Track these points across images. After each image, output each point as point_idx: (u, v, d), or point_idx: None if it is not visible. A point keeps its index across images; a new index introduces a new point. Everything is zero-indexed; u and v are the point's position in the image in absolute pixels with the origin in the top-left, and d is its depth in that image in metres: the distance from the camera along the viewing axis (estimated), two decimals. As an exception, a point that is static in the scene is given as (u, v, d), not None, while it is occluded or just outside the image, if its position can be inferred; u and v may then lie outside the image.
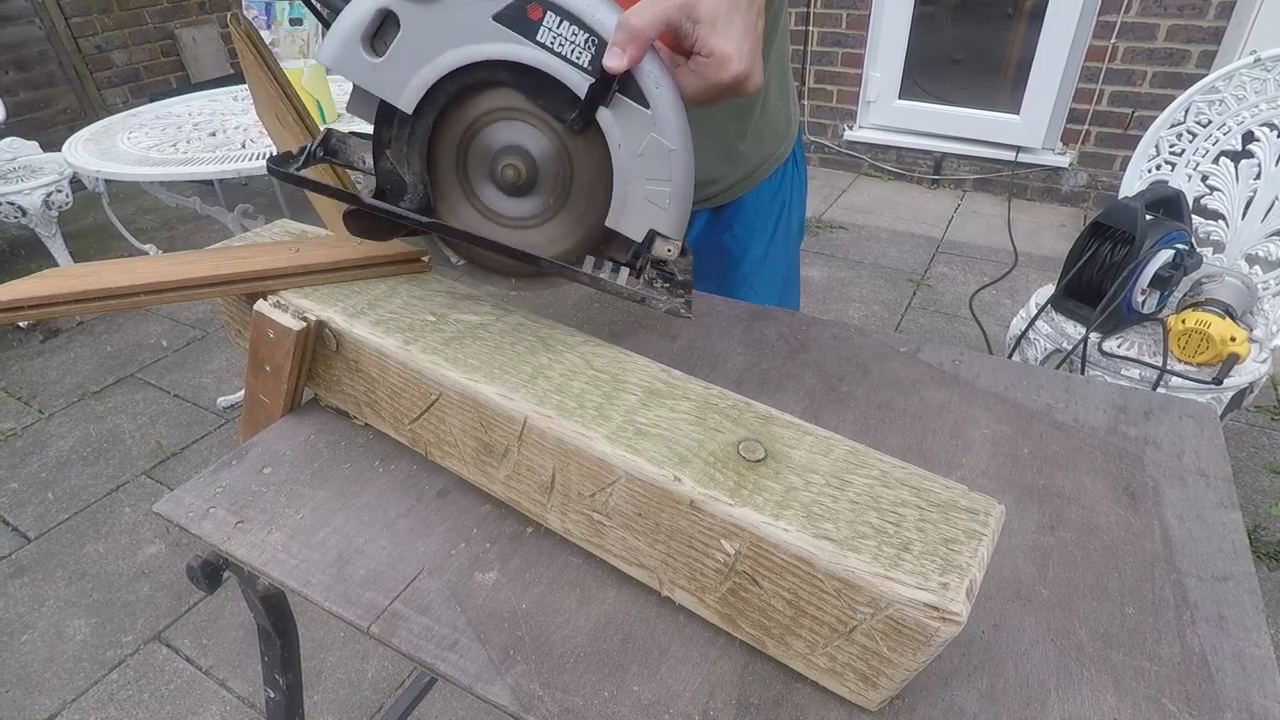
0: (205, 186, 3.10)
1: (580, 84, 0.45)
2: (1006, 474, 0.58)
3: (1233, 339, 1.24)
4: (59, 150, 2.08)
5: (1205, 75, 1.53)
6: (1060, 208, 3.12)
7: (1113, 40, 2.74)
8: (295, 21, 2.48)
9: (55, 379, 2.31)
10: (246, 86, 0.77)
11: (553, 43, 0.44)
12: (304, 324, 0.55)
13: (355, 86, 0.49)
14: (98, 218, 3.17)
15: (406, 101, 0.48)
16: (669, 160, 0.47)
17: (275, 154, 0.54)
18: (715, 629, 0.46)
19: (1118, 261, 1.32)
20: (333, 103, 2.04)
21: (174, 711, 1.37)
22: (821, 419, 0.61)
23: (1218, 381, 1.26)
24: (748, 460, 0.43)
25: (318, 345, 0.58)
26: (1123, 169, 2.64)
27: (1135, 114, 2.83)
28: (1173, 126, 1.55)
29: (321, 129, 0.56)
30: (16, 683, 1.43)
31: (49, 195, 2.61)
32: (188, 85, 3.85)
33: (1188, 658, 0.44)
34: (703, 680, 0.43)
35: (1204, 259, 1.41)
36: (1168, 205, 1.40)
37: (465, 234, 0.53)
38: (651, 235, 0.50)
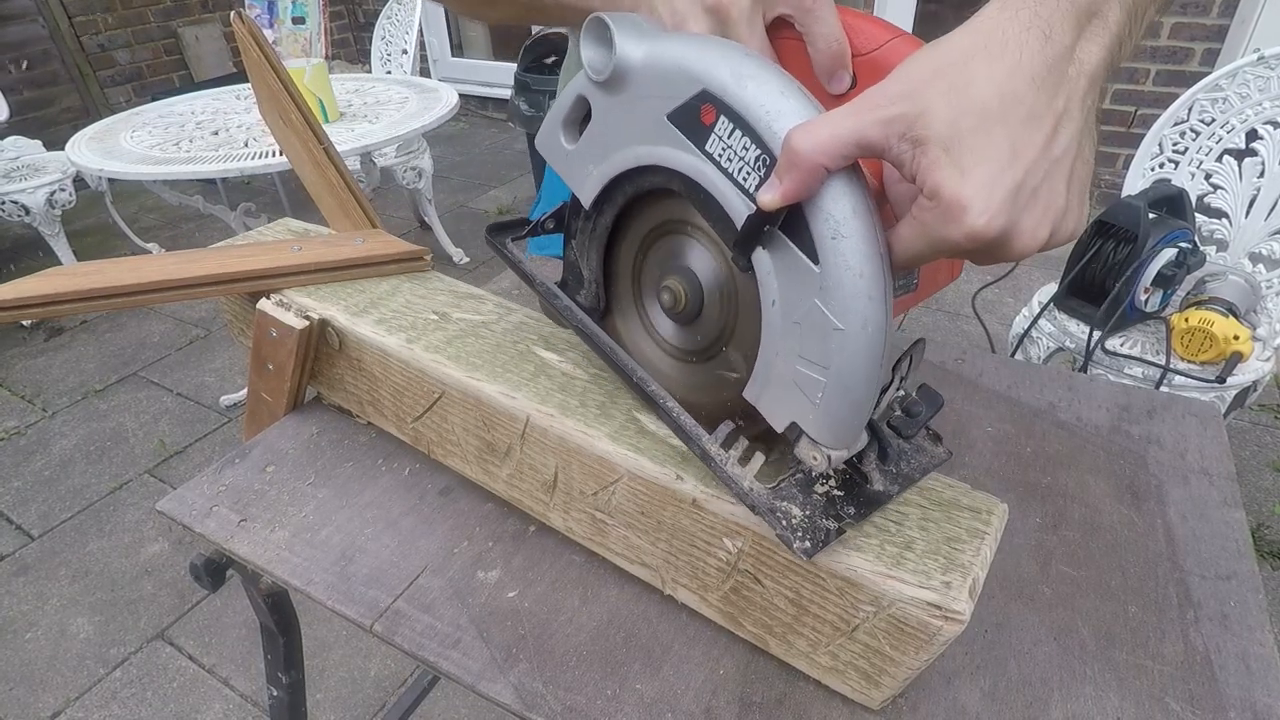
0: (208, 185, 3.10)
1: (741, 211, 0.34)
2: (1009, 473, 0.57)
3: (1236, 337, 1.24)
4: (62, 149, 2.09)
5: (1208, 73, 1.53)
6: (1063, 206, 3.11)
7: (1116, 38, 2.73)
8: (298, 20, 2.48)
9: (59, 377, 2.31)
10: (249, 85, 0.77)
11: (720, 155, 0.34)
12: (307, 323, 0.55)
13: None
14: (101, 216, 3.17)
15: (586, 195, 0.44)
16: (830, 342, 0.33)
17: (494, 223, 0.52)
18: (718, 627, 0.46)
19: (1121, 260, 1.32)
20: (335, 102, 2.04)
21: (177, 709, 1.37)
22: (824, 418, 0.61)
23: (1221, 380, 1.26)
24: (750, 459, 0.43)
25: (320, 344, 0.58)
26: (1125, 167, 2.64)
27: (1138, 112, 2.82)
28: (1176, 125, 1.55)
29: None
30: (20, 680, 1.43)
31: (52, 194, 2.61)
32: (190, 84, 3.85)
33: (1191, 656, 0.44)
34: (705, 679, 0.43)
35: (1207, 257, 1.40)
36: (1171, 204, 1.39)
37: (599, 349, 0.47)
38: (796, 430, 0.37)
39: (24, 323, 2.60)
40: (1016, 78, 0.29)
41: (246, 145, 1.84)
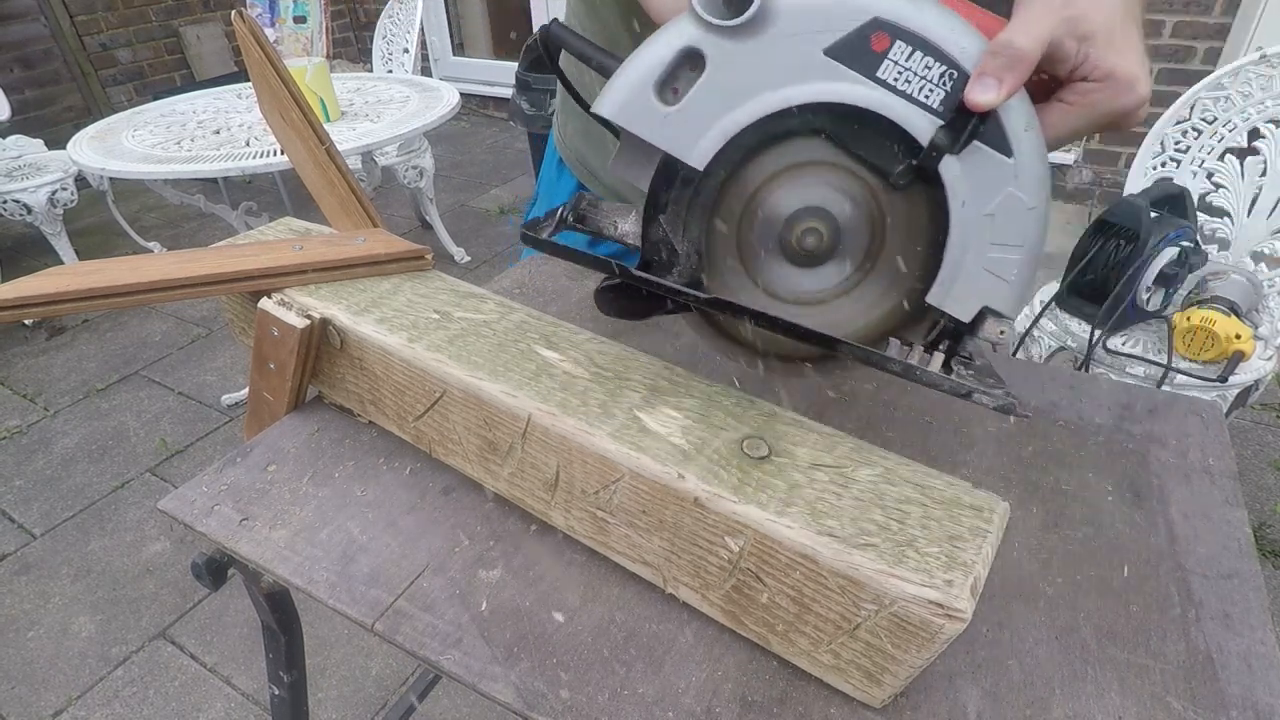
0: (209, 184, 3.11)
1: (926, 128, 0.37)
2: (1010, 471, 0.57)
3: (1238, 336, 1.24)
4: (64, 148, 2.09)
5: (1211, 72, 1.53)
6: (1065, 205, 3.12)
7: (1118, 37, 2.72)
8: (299, 19, 2.48)
9: (60, 376, 2.32)
10: (251, 84, 0.77)
11: (897, 79, 0.37)
12: (308, 322, 0.55)
13: (626, 142, 0.42)
14: (102, 216, 3.18)
15: (699, 156, 0.40)
16: (1026, 220, 0.38)
17: (527, 221, 0.47)
18: (719, 626, 0.46)
19: (1122, 259, 1.32)
20: (336, 101, 2.04)
21: (179, 708, 1.37)
22: (825, 417, 0.61)
23: (1223, 379, 1.26)
24: (751, 458, 0.43)
25: (322, 343, 0.58)
26: (1128, 166, 2.63)
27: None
28: (1178, 123, 1.55)
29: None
30: (22, 679, 1.44)
31: (54, 193, 2.62)
32: (192, 83, 3.85)
33: (1193, 656, 0.44)
34: (706, 677, 0.43)
35: (1209, 256, 1.40)
36: (1173, 202, 1.39)
37: (757, 313, 0.43)
38: (983, 314, 0.41)
39: (26, 322, 2.60)
40: None
41: (248, 144, 1.84)
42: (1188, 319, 1.28)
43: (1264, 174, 1.48)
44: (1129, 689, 0.42)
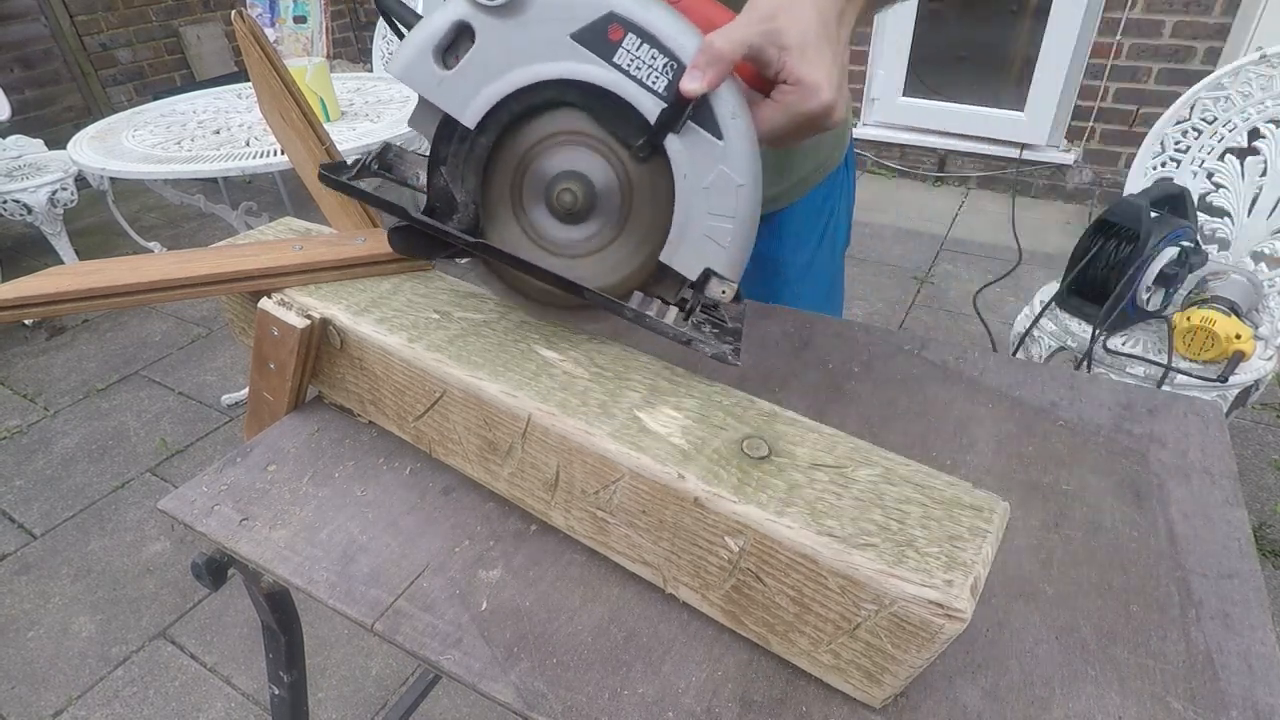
0: (209, 184, 3.10)
1: (652, 109, 0.44)
2: (1011, 472, 0.57)
3: (1238, 336, 1.24)
4: (64, 148, 2.09)
5: (1211, 72, 1.53)
6: (1065, 205, 3.11)
7: (1118, 37, 2.73)
8: (299, 19, 2.48)
9: (60, 376, 2.32)
10: (251, 84, 0.77)
11: (629, 65, 0.43)
12: (308, 322, 0.55)
13: (420, 100, 0.48)
14: (102, 215, 3.18)
15: (470, 116, 0.47)
16: (736, 195, 0.45)
17: (327, 163, 0.53)
18: (719, 626, 0.46)
19: (1123, 259, 1.32)
20: (336, 100, 2.04)
21: (179, 708, 1.37)
22: (825, 416, 0.61)
23: (1223, 379, 1.26)
24: (751, 457, 0.43)
25: (322, 343, 0.58)
26: (1128, 166, 2.63)
27: (1140, 111, 2.82)
28: (1178, 123, 1.55)
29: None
30: (23, 679, 1.44)
31: (54, 193, 2.62)
32: (192, 83, 3.85)
33: (1193, 655, 0.44)
34: (706, 678, 0.43)
35: (1209, 256, 1.40)
36: (1173, 202, 1.39)
37: (512, 258, 0.50)
38: (707, 274, 0.47)
39: (26, 322, 2.60)
40: (826, 14, 0.45)
41: (248, 144, 1.84)
42: (1188, 319, 1.28)
43: (1264, 174, 1.48)
44: (1129, 689, 0.42)
